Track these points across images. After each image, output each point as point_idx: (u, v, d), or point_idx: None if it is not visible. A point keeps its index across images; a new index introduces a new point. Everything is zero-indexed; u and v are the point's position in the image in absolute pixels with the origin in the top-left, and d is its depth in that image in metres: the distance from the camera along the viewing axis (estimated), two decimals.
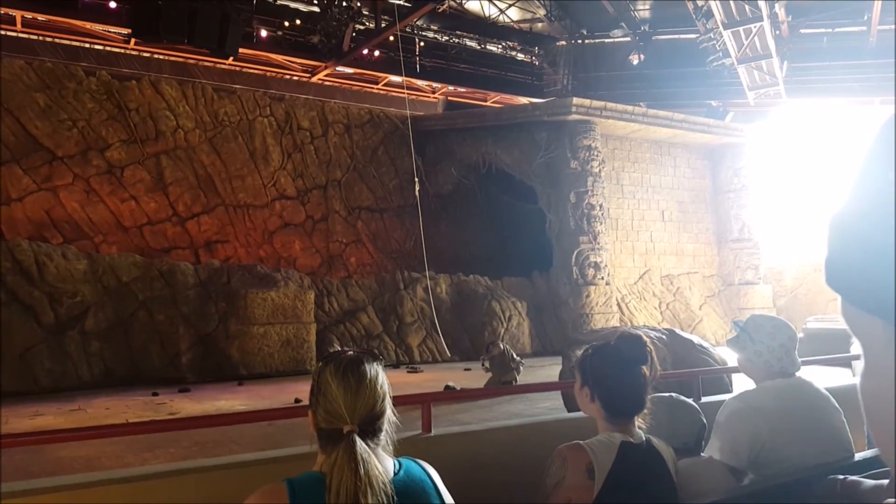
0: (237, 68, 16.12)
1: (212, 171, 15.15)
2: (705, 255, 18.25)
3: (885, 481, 1.37)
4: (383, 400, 1.34)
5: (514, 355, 8.86)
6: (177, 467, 2.02)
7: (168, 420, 2.66)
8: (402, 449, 1.38)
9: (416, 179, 12.12)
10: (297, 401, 8.08)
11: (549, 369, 9.73)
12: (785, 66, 15.46)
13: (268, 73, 16.76)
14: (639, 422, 1.65)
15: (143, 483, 1.89)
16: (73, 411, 8.10)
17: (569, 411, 6.60)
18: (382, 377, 1.37)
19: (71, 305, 10.60)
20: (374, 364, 1.37)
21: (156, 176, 14.43)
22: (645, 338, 1.65)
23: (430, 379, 10.36)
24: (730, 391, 4.95)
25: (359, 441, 1.26)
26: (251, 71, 16.44)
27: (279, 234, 15.76)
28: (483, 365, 9.09)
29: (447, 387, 8.82)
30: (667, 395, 1.87)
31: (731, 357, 6.83)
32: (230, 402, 8.83)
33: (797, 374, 2.06)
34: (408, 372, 11.70)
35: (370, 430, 1.31)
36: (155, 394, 9.49)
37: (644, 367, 1.64)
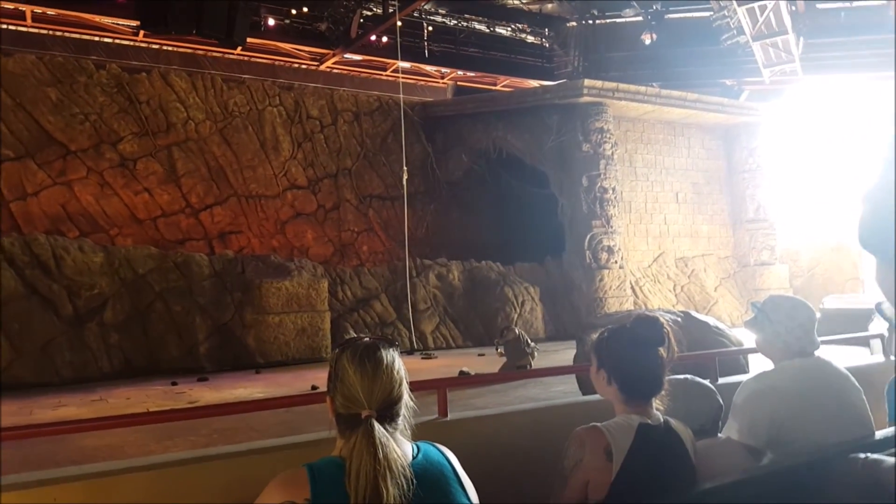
0: (245, 58, 16.14)
1: (223, 162, 15.22)
2: (720, 236, 18.10)
3: None
4: (400, 385, 1.35)
5: (529, 340, 8.88)
6: (198, 454, 2.05)
7: (188, 408, 2.70)
8: (419, 433, 1.40)
9: (405, 169, 12.02)
10: (313, 388, 8.16)
11: (564, 354, 9.74)
12: (801, 43, 15.20)
13: (276, 62, 16.76)
14: (656, 403, 1.65)
15: (166, 470, 1.92)
16: (95, 401, 8.24)
17: (584, 395, 6.62)
18: (399, 362, 1.38)
19: (89, 298, 10.75)
20: (391, 350, 1.38)
21: (168, 168, 14.52)
22: (661, 319, 1.65)
23: (444, 365, 10.41)
24: (746, 372, 4.93)
25: (377, 426, 1.27)
26: (259, 60, 16.44)
27: (291, 224, 15.83)
28: (497, 350, 9.13)
29: (462, 372, 8.87)
30: (682, 377, 1.87)
31: (747, 338, 6.79)
32: (248, 390, 8.94)
33: (816, 353, 2.05)
34: (422, 358, 11.76)
35: (388, 414, 1.32)
36: (174, 383, 9.62)
37: (661, 349, 1.63)
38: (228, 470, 1.98)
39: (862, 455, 1.44)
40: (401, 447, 1.30)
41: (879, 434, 1.85)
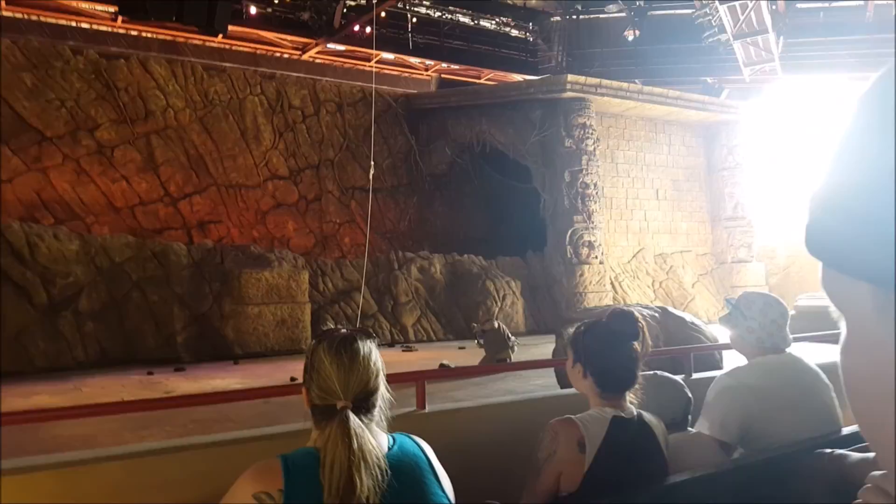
0: (227, 46, 15.93)
1: (203, 151, 15.04)
2: (699, 233, 18.30)
3: (872, 454, 1.39)
4: (377, 376, 1.36)
5: (509, 334, 8.92)
6: (173, 444, 2.03)
7: (164, 398, 2.68)
8: (396, 425, 1.40)
9: (372, 163, 11.99)
10: (292, 379, 8.12)
11: (543, 347, 9.80)
12: (781, 42, 15.39)
13: (258, 51, 16.57)
14: (630, 397, 1.67)
15: (140, 460, 1.90)
16: (69, 391, 8.14)
17: (562, 388, 6.68)
18: (376, 354, 1.38)
19: (64, 286, 10.58)
20: (368, 341, 1.39)
21: (146, 156, 14.32)
22: (637, 314, 1.67)
23: (424, 357, 10.43)
24: (721, 368, 5.01)
25: (352, 417, 1.27)
26: (241, 49, 16.25)
27: (272, 215, 15.71)
28: (478, 341, 9.16)
29: (442, 365, 8.89)
30: (650, 372, 1.89)
31: (723, 334, 6.87)
32: (226, 380, 8.89)
33: (788, 350, 2.08)
34: (403, 351, 11.77)
35: (364, 406, 1.32)
36: (150, 373, 9.54)
37: (636, 343, 1.65)
38: (203, 460, 1.97)
39: (828, 450, 1.47)
40: (376, 439, 1.30)
41: (846, 430, 1.89)
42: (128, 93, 14.28)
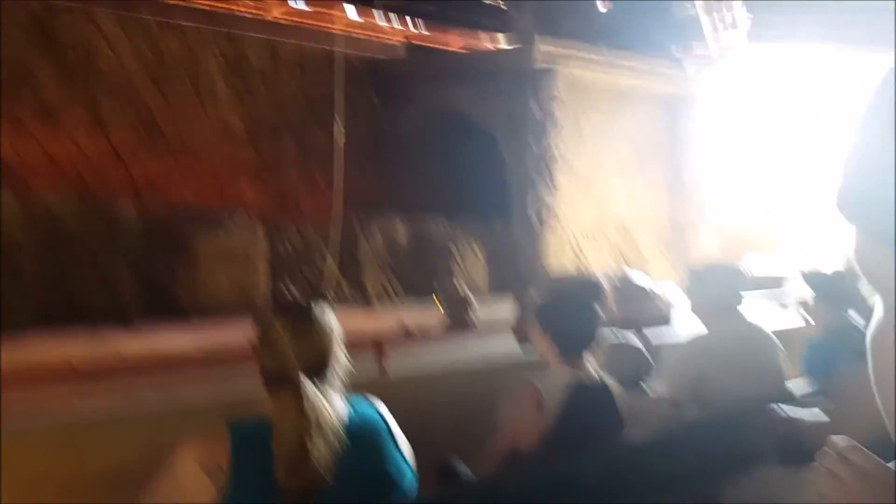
0: (182, 3, 15.26)
1: (155, 112, 14.48)
2: (657, 202, 18.63)
3: (826, 418, 1.42)
4: (332, 342, 1.33)
5: (471, 297, 8.96)
6: (119, 411, 1.98)
7: (115, 363, 2.58)
8: (355, 391, 1.37)
9: (336, 118, 11.71)
10: (249, 342, 8.04)
11: (505, 311, 9.83)
12: (747, 15, 15.52)
13: (216, 9, 15.91)
14: (591, 359, 1.68)
15: (87, 428, 1.85)
16: (12, 349, 7.87)
17: (519, 344, 6.75)
18: (331, 319, 1.35)
19: (5, 247, 10.17)
20: (322, 306, 1.35)
21: (95, 116, 13.72)
22: (597, 279, 1.67)
23: (385, 320, 10.40)
24: (675, 332, 5.12)
25: (306, 384, 1.23)
26: (198, 5, 15.57)
27: (229, 178, 15.31)
28: (439, 304, 9.18)
29: (403, 327, 8.88)
30: (614, 335, 1.90)
31: (678, 300, 7.01)
32: (178, 341, 8.70)
33: (746, 317, 2.12)
34: (364, 313, 11.73)
35: (319, 372, 1.29)
36: (98, 332, 9.28)
37: (596, 305, 1.66)
38: (154, 428, 1.92)
39: (780, 409, 1.50)
40: (332, 406, 1.27)
41: (793, 388, 1.94)
42: (74, 49, 13.60)
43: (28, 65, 13.00)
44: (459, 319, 8.66)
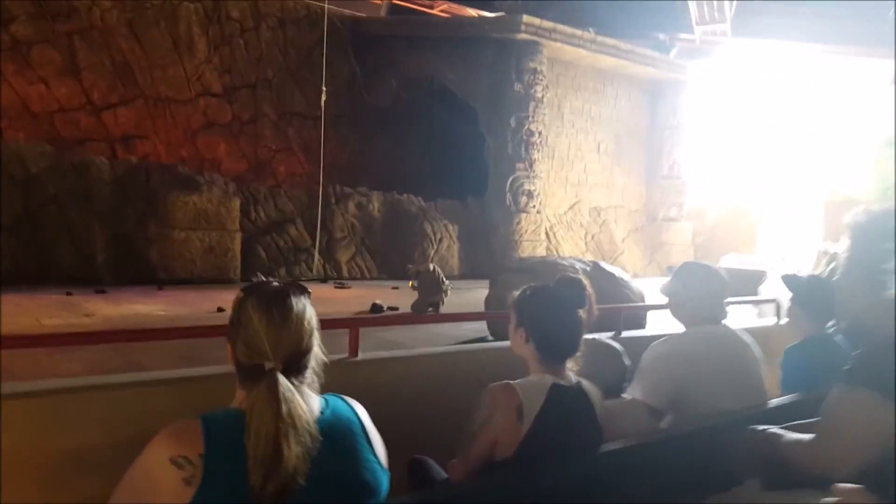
0: None
1: (130, 58, 13.99)
2: (634, 189, 18.72)
3: (806, 436, 1.42)
4: (310, 336, 1.27)
5: (443, 277, 8.94)
6: (87, 382, 1.91)
7: (86, 332, 2.50)
8: (325, 372, 1.32)
9: (324, 90, 11.50)
10: (220, 309, 7.97)
11: (477, 293, 9.86)
12: (734, 6, 15.52)
13: None
14: (570, 364, 1.66)
15: (55, 397, 1.77)
16: None
17: (492, 335, 6.79)
18: (310, 311, 1.29)
19: None
20: (302, 297, 1.29)
21: (68, 58, 13.20)
22: (584, 281, 1.64)
23: (357, 296, 10.36)
24: (643, 326, 5.18)
25: (281, 379, 1.18)
26: None
27: (203, 134, 14.95)
28: (411, 283, 9.14)
29: (374, 305, 8.87)
30: (590, 336, 1.89)
31: (647, 291, 7.06)
32: (149, 306, 8.57)
33: (724, 321, 2.12)
34: (335, 288, 11.66)
35: (294, 367, 1.24)
36: (69, 293, 9.11)
37: (581, 311, 1.63)
38: (119, 401, 1.86)
39: (760, 427, 1.50)
40: (307, 402, 1.22)
41: (772, 403, 1.96)
42: None
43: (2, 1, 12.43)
44: (430, 298, 8.65)
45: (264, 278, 1.33)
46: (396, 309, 8.98)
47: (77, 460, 1.75)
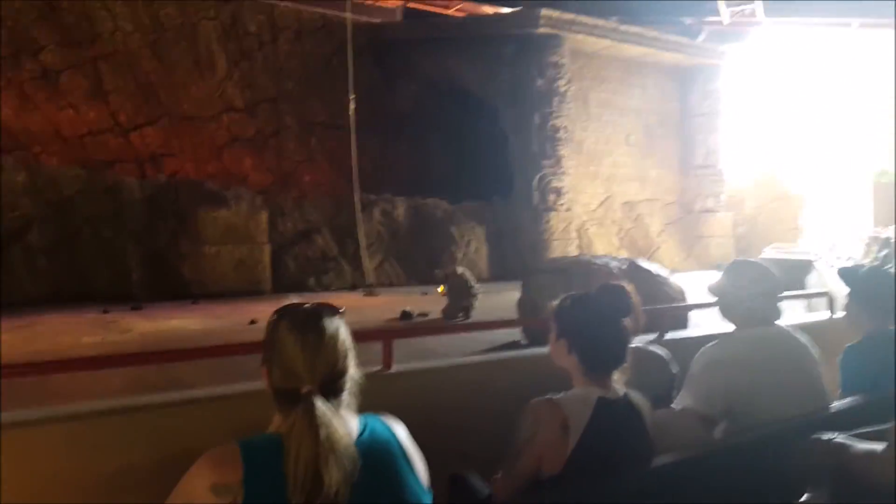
0: None
1: (154, 79, 14.31)
2: (668, 181, 18.36)
3: (878, 446, 1.33)
4: (345, 357, 1.26)
5: (472, 281, 8.88)
6: (121, 404, 1.92)
7: (122, 355, 2.53)
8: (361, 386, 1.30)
9: (352, 97, 11.57)
10: (252, 322, 8.05)
11: (508, 295, 9.75)
12: None
13: None
14: (616, 375, 1.60)
15: (89, 421, 1.78)
16: (23, 327, 7.92)
17: (525, 338, 6.72)
18: (344, 332, 1.28)
19: (12, 219, 10.24)
20: (335, 318, 1.28)
21: (94, 82, 13.57)
22: (628, 288, 1.58)
23: (386, 303, 10.37)
24: (686, 326, 5.04)
25: (318, 402, 1.18)
26: None
27: (228, 149, 15.20)
28: (440, 289, 9.09)
29: (404, 312, 8.86)
30: (634, 345, 1.82)
31: (687, 286, 6.88)
32: (184, 321, 8.74)
33: (777, 322, 2.03)
34: (364, 295, 11.70)
35: (331, 389, 1.23)
36: (105, 311, 9.32)
37: (626, 320, 1.57)
38: (153, 420, 1.87)
39: (825, 436, 1.42)
40: (345, 425, 1.21)
41: (835, 406, 1.86)
42: (72, 13, 13.38)
43: (27, 30, 12.82)
44: (460, 303, 8.60)
45: (296, 301, 1.32)
46: (427, 315, 8.95)
47: (118, 482, 1.76)
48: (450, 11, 19.23)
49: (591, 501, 1.43)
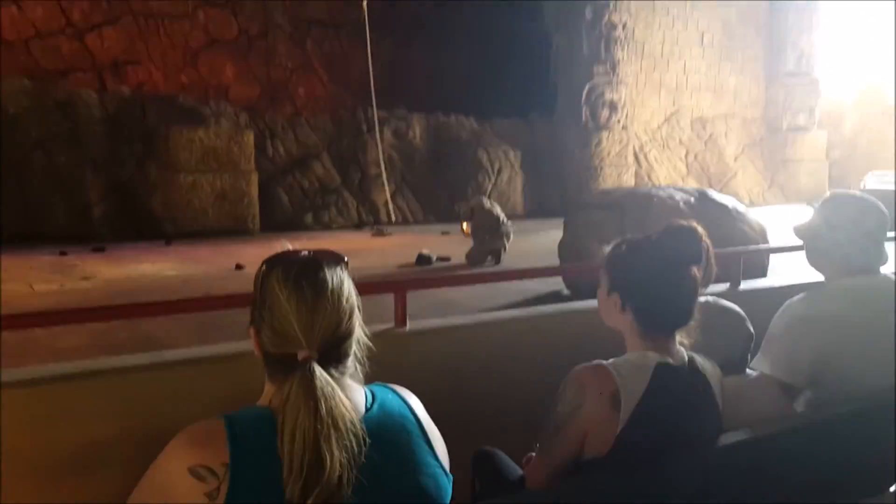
0: None
1: None
2: (750, 92, 18.09)
3: None
4: (350, 316, 1.26)
5: (503, 217, 8.87)
6: (91, 367, 1.98)
7: (83, 309, 2.59)
8: (369, 347, 1.32)
9: None
10: (238, 266, 8.18)
11: (546, 235, 9.77)
12: None
13: None
14: (680, 337, 1.59)
15: (43, 387, 1.84)
16: None
17: (568, 289, 6.75)
18: (349, 286, 1.28)
19: None
20: (338, 269, 1.28)
21: None
22: (699, 230, 1.55)
23: (399, 244, 10.46)
24: (765, 273, 5.01)
25: (318, 371, 1.19)
26: None
27: (205, 54, 15.14)
28: (463, 228, 9.08)
29: (421, 255, 8.91)
30: (702, 299, 1.82)
31: (770, 224, 6.78)
32: (157, 265, 8.89)
33: (883, 270, 2.01)
34: (373, 235, 11.81)
35: (333, 355, 1.24)
36: (63, 253, 9.51)
37: (695, 269, 1.55)
38: (120, 387, 1.93)
39: None
40: (350, 396, 1.23)
41: None
42: None
43: None
44: (489, 245, 8.61)
45: (289, 248, 1.32)
46: (448, 260, 9.00)
47: (79, 459, 1.82)
48: None
49: (648, 488, 1.45)
